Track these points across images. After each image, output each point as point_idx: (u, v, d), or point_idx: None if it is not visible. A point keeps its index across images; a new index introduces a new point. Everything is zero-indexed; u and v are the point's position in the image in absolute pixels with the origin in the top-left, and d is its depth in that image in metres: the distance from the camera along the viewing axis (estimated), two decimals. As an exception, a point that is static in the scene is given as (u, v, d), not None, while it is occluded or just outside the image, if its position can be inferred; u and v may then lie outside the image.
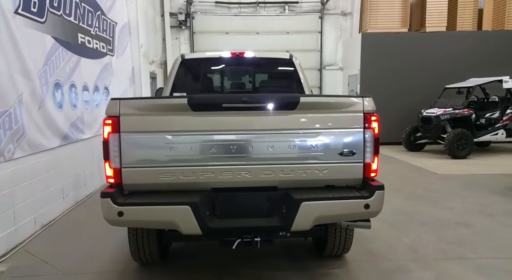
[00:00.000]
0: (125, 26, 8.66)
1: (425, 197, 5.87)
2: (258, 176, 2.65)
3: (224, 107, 2.61)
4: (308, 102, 2.69)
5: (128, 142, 2.56)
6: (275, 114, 2.67)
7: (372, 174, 2.73)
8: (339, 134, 2.69)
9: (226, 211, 2.70)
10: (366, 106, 2.70)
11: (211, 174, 2.63)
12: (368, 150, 2.70)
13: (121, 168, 2.57)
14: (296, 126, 2.67)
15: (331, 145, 2.68)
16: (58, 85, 5.18)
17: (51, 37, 4.97)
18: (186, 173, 2.61)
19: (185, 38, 12.99)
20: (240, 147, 2.64)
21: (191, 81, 4.85)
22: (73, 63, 5.70)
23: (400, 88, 11.34)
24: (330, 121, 2.69)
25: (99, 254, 3.76)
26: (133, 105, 2.59)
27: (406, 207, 5.31)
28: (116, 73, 7.80)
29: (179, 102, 2.62)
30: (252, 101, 2.64)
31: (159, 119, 2.60)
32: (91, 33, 6.54)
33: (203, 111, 2.62)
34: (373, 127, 2.70)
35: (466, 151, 9.20)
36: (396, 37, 11.56)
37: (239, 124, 2.64)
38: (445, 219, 4.79)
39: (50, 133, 4.86)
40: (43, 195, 4.65)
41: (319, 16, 13.16)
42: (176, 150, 2.60)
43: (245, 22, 12.87)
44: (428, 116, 9.67)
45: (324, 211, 2.59)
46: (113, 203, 2.48)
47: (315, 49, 13.31)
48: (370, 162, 2.70)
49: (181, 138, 2.61)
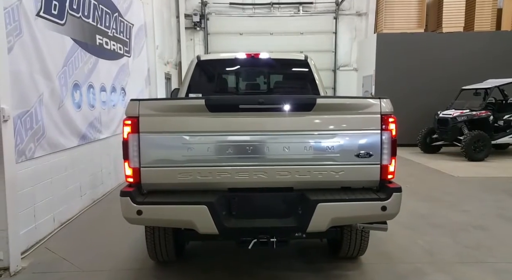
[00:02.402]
0: (141, 27, 8.78)
1: (441, 199, 5.79)
2: (274, 177, 2.67)
3: (240, 108, 2.64)
4: (325, 103, 2.69)
5: (147, 142, 2.61)
6: (292, 115, 2.68)
7: (389, 176, 2.71)
8: (356, 136, 2.68)
9: (242, 211, 2.72)
10: (383, 107, 2.68)
11: (227, 175, 2.66)
12: (385, 152, 2.68)
13: (140, 168, 2.62)
14: (312, 127, 2.68)
15: (348, 147, 2.67)
16: (76, 85, 5.29)
17: (70, 38, 5.08)
18: (203, 173, 2.64)
19: (199, 39, 13.08)
20: (256, 148, 2.66)
21: (206, 82, 4.89)
22: (91, 64, 5.82)
23: (416, 89, 11.18)
24: (347, 122, 2.68)
25: (116, 252, 3.83)
26: (152, 106, 2.64)
27: (422, 209, 5.25)
28: (132, 74, 7.92)
29: (197, 103, 2.65)
30: (268, 102, 2.65)
31: (177, 120, 2.64)
32: (109, 34, 6.66)
33: (220, 112, 2.65)
34: (391, 129, 2.68)
35: (483, 153, 9.03)
36: (412, 38, 11.38)
37: (256, 125, 2.66)
38: (461, 222, 4.72)
39: (69, 133, 4.97)
40: (61, 194, 4.75)
41: (334, 16, 13.09)
42: (193, 151, 2.63)
43: (259, 23, 12.89)
44: (445, 118, 9.52)
45: (340, 212, 2.59)
46: (132, 202, 2.53)
47: (329, 50, 13.24)
48: (387, 164, 2.69)
49: (198, 138, 2.65)
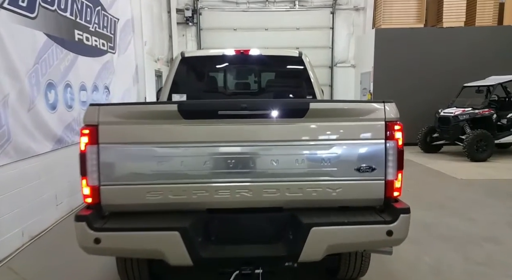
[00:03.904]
0: (128, 22, 8.33)
1: (446, 206, 5.41)
2: (260, 195, 2.27)
3: (220, 114, 2.23)
4: (320, 108, 2.29)
5: (108, 155, 2.20)
6: (281, 123, 2.28)
7: (396, 194, 2.32)
8: (356, 146, 2.28)
9: (223, 236, 2.32)
10: (388, 112, 2.29)
11: (205, 193, 2.25)
12: (391, 165, 2.29)
13: (100, 186, 2.21)
14: (305, 136, 2.28)
15: (347, 159, 2.28)
16: (51, 85, 4.86)
17: (43, 33, 4.63)
18: (176, 192, 2.24)
19: (192, 35, 12.63)
20: (239, 161, 2.26)
21: (191, 81, 4.47)
22: (68, 62, 5.38)
23: (416, 87, 10.81)
24: (346, 131, 2.28)
25: (87, 273, 3.42)
26: (114, 112, 2.22)
27: (426, 218, 4.86)
28: (117, 71, 7.47)
29: (168, 109, 2.24)
30: (253, 108, 2.25)
31: (144, 129, 2.23)
32: (90, 29, 6.21)
33: (196, 119, 2.24)
34: (397, 138, 2.29)
35: (486, 153, 8.67)
36: (412, 33, 11.02)
37: (238, 135, 2.26)
38: (470, 233, 4.34)
39: (41, 137, 4.54)
40: (33, 204, 4.33)
41: (331, 11, 12.66)
42: (165, 165, 2.23)
43: (254, 18, 12.45)
44: (446, 116, 9.15)
45: (338, 238, 2.19)
46: (89, 228, 2.12)
47: (326, 46, 12.84)
48: (392, 179, 2.30)
49: (170, 150, 2.24)
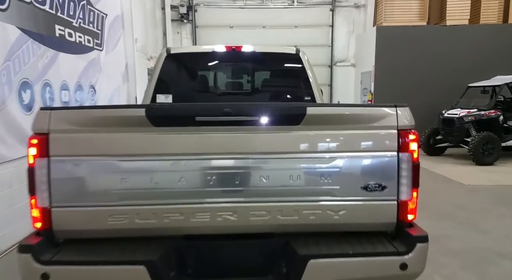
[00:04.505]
0: (117, 18, 7.91)
1: (454, 216, 5.02)
2: (247, 219, 1.88)
3: (198, 121, 1.83)
4: (319, 114, 1.90)
5: (60, 170, 1.81)
6: (272, 131, 1.89)
7: (410, 217, 1.93)
8: (363, 160, 1.90)
9: (202, 268, 1.93)
10: (401, 119, 1.90)
11: (180, 216, 1.86)
12: (404, 182, 1.90)
13: (51, 208, 1.81)
14: (301, 147, 1.89)
15: (351, 176, 1.89)
16: (26, 84, 4.45)
17: (16, 28, 4.23)
18: (144, 215, 1.85)
19: (187, 32, 12.21)
20: (222, 177, 1.87)
21: (178, 81, 4.07)
22: (48, 59, 4.97)
23: (418, 87, 10.46)
24: (350, 141, 1.90)
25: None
26: (69, 117, 1.83)
27: (434, 229, 4.38)
28: (105, 69, 7.07)
29: (134, 114, 1.84)
30: (238, 113, 1.86)
31: (106, 138, 1.84)
32: (73, 25, 5.80)
33: (169, 127, 1.85)
34: (412, 150, 1.90)
35: (493, 157, 8.29)
36: (414, 31, 10.66)
37: (220, 146, 1.87)
38: (483, 247, 3.95)
39: (14, 141, 4.13)
40: (4, 215, 3.94)
41: (330, 8, 12.26)
42: (130, 182, 1.84)
43: (251, 15, 12.03)
44: (450, 118, 8.78)
45: (341, 274, 1.80)
46: (35, 260, 1.72)
47: (325, 44, 12.43)
48: (406, 199, 1.91)
49: (137, 165, 1.85)
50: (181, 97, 3.85)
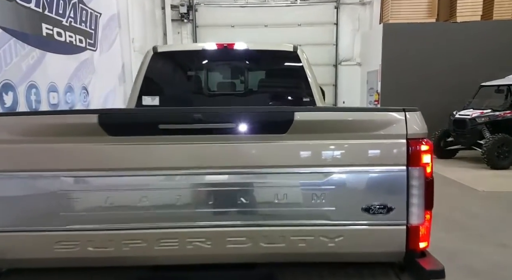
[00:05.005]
0: (113, 17, 7.66)
1: (468, 226, 4.63)
2: (223, 246, 1.55)
3: (162, 129, 1.51)
4: (309, 120, 1.56)
5: (-5, 189, 1.49)
6: (253, 141, 1.56)
7: (422, 245, 1.59)
8: (364, 176, 1.56)
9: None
10: (410, 125, 1.56)
11: (141, 243, 1.54)
12: (415, 202, 1.56)
13: (-16, 235, 1.50)
14: (288, 161, 1.55)
15: (350, 195, 1.55)
16: (8, 86, 4.20)
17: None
18: (98, 242, 1.53)
19: (187, 32, 11.94)
20: (191, 197, 1.55)
21: (165, 82, 3.76)
22: (33, 59, 4.72)
23: (427, 86, 10.04)
24: (348, 153, 1.56)
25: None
26: (5, 125, 1.51)
27: (446, 242, 4.08)
28: (99, 70, 6.82)
29: (85, 121, 1.52)
30: (210, 120, 1.53)
31: (51, 150, 1.52)
32: (63, 24, 5.55)
33: (127, 136, 1.53)
34: (424, 163, 1.56)
35: (508, 160, 7.86)
36: (422, 28, 10.26)
37: (190, 159, 1.54)
38: (504, 264, 3.56)
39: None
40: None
41: (335, 6, 11.90)
42: (82, 203, 1.53)
43: (253, 14, 11.72)
44: (462, 119, 8.36)
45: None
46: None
47: (329, 43, 12.07)
48: (418, 223, 1.56)
49: (90, 181, 1.53)
50: (169, 99, 3.55)
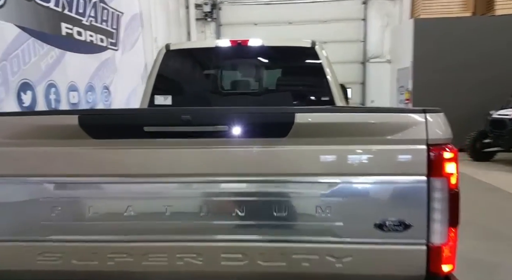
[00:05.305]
0: (135, 17, 7.70)
1: (506, 235, 4.24)
2: (217, 263, 1.40)
3: (148, 132, 1.36)
4: (313, 123, 1.36)
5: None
6: (248, 146, 1.39)
7: (446, 268, 1.37)
8: (377, 187, 1.35)
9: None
10: (431, 129, 1.34)
11: (127, 258, 1.41)
12: (437, 218, 1.34)
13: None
14: (289, 168, 1.37)
15: (360, 209, 1.35)
16: (26, 85, 4.24)
17: (15, 25, 4.01)
18: (82, 255, 1.42)
19: (211, 31, 11.90)
20: (181, 207, 1.41)
21: (178, 80, 3.66)
22: (52, 59, 4.75)
23: (463, 85, 9.49)
24: (358, 160, 1.36)
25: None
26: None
27: (481, 253, 3.74)
28: (121, 70, 6.86)
29: (65, 123, 1.40)
30: (201, 122, 1.37)
31: (30, 154, 1.42)
32: (83, 23, 5.59)
33: (110, 139, 1.40)
34: (448, 173, 1.33)
35: (552, 163, 7.27)
36: (457, 23, 9.71)
37: (179, 165, 1.39)
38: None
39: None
40: None
41: (363, 1, 11.49)
42: (64, 212, 1.41)
43: (276, 11, 11.50)
44: (501, 119, 7.83)
45: None
46: None
47: (357, 40, 11.67)
48: (440, 243, 1.34)
49: (72, 188, 1.41)
50: (182, 99, 3.45)
